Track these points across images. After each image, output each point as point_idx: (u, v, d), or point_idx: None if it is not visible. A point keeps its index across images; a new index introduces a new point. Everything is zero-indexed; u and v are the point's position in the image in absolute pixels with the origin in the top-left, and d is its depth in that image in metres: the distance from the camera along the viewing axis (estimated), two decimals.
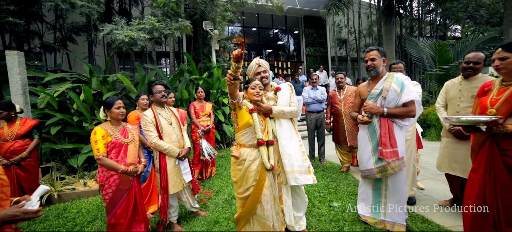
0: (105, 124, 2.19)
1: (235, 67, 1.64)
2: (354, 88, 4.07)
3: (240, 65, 1.64)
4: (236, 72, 1.67)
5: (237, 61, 1.61)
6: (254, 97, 2.03)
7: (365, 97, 2.35)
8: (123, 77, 5.84)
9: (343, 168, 4.23)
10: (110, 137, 2.13)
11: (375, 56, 2.25)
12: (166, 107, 2.71)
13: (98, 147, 2.05)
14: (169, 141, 2.55)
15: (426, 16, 14.27)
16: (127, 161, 2.17)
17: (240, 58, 1.60)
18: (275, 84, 2.36)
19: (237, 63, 1.62)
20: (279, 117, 2.18)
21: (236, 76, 1.69)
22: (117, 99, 2.19)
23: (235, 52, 1.58)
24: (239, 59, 1.61)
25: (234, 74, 1.68)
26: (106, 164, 2.06)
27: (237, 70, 1.66)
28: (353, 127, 3.94)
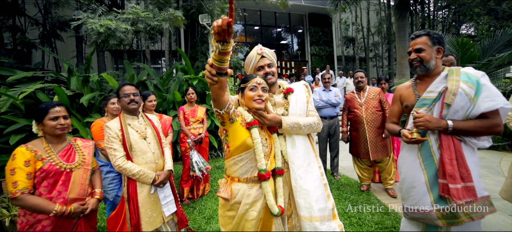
0: (37, 142, 1.52)
1: (219, 52, 0.90)
2: (376, 89, 3.36)
3: (227, 48, 0.89)
4: (221, 62, 0.94)
5: (222, 40, 0.87)
6: (254, 103, 1.35)
7: (410, 103, 1.65)
8: (108, 77, 5.21)
9: (363, 186, 3.52)
10: (41, 162, 1.45)
11: (422, 45, 1.55)
12: (141, 116, 2.03)
13: (16, 180, 1.36)
14: (142, 161, 1.87)
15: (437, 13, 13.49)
16: (68, 197, 1.49)
17: (227, 33, 0.85)
18: (285, 83, 1.66)
19: (222, 44, 0.88)
20: (292, 132, 1.49)
21: (222, 69, 0.96)
22: (53, 106, 1.52)
23: (217, 23, 0.85)
24: (225, 36, 0.86)
25: (218, 65, 0.94)
26: (28, 204, 1.38)
27: (222, 58, 0.92)
28: (377, 137, 3.22)
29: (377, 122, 3.23)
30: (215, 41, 0.89)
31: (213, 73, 0.96)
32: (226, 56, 0.92)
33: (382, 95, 3.29)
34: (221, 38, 0.87)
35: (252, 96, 1.34)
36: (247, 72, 1.65)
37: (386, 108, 3.25)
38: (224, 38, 0.86)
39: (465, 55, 6.71)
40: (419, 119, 1.45)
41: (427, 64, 1.54)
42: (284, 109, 1.56)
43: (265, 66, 1.57)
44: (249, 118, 1.34)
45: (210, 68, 0.96)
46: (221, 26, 0.83)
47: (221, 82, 1.02)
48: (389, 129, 1.81)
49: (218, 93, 1.11)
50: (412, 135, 1.48)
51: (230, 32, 0.85)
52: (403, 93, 1.74)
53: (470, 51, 6.49)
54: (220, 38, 0.87)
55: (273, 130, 1.47)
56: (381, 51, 14.03)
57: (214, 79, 0.98)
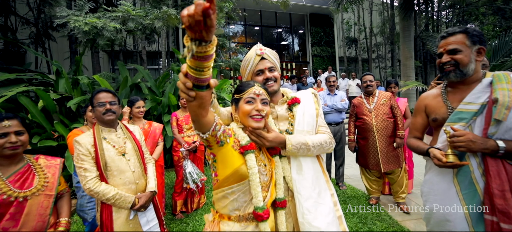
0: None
1: (196, 56, 0.61)
2: (387, 94, 3.06)
3: (207, 50, 0.60)
4: (199, 70, 0.65)
5: (198, 37, 0.57)
6: (251, 121, 1.06)
7: (440, 116, 1.36)
8: (100, 79, 4.92)
9: (372, 199, 3.22)
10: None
11: (459, 45, 1.26)
12: (120, 127, 1.74)
13: None
14: (119, 182, 1.58)
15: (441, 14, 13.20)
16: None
17: (204, 27, 0.55)
18: (289, 92, 1.38)
19: (198, 44, 0.58)
20: (299, 154, 1.20)
21: (201, 81, 0.67)
22: (2, 120, 1.23)
23: (187, 10, 0.53)
24: (201, 31, 0.56)
25: (196, 74, 0.65)
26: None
27: (201, 64, 0.63)
28: (388, 147, 2.93)
29: (388, 130, 2.94)
30: (188, 39, 0.59)
31: (189, 86, 0.67)
32: (206, 62, 0.63)
33: (393, 101, 3.00)
34: (196, 36, 0.57)
35: (249, 111, 1.05)
36: (244, 77, 1.37)
37: (397, 115, 2.96)
38: (200, 35, 0.57)
39: None
40: (459, 138, 1.15)
41: (464, 69, 1.25)
42: (289, 124, 1.27)
43: (266, 70, 1.28)
44: (244, 140, 1.05)
45: (184, 79, 0.67)
46: (194, 15, 0.53)
47: (201, 98, 0.73)
48: (412, 145, 1.52)
49: (198, 114, 0.81)
50: (448, 158, 1.19)
51: (208, 25, 0.55)
52: (430, 104, 1.45)
53: None
54: (195, 35, 0.57)
55: (275, 151, 1.18)
56: (383, 52, 13.74)
57: (191, 94, 0.68)
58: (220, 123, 0.98)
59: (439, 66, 1.35)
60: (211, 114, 0.89)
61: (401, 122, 2.94)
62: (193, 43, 0.58)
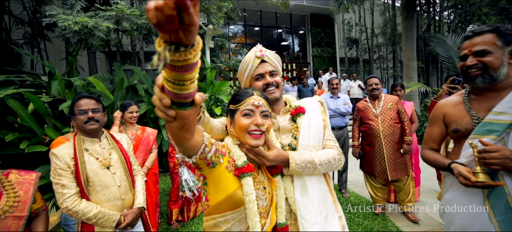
0: None
1: (172, 66, 0.43)
2: (393, 98, 2.90)
3: (187, 57, 0.42)
4: (179, 84, 0.47)
5: (174, 39, 0.39)
6: (249, 138, 0.90)
7: (463, 127, 1.20)
8: (95, 81, 4.77)
9: (377, 208, 3.06)
10: None
11: (488, 46, 1.11)
12: (105, 137, 1.58)
13: None
14: (103, 199, 1.43)
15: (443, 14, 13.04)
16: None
17: (181, 25, 0.37)
18: (292, 100, 1.22)
19: (174, 49, 0.40)
20: (304, 173, 1.04)
21: (181, 97, 0.49)
22: None
23: (156, 3, 0.34)
24: (177, 31, 0.38)
25: (175, 89, 0.48)
26: None
27: (181, 77, 0.45)
28: (395, 154, 2.77)
29: (396, 136, 2.78)
30: (161, 42, 0.42)
31: (166, 103, 0.50)
32: (187, 74, 0.46)
33: (400, 105, 2.84)
34: (171, 38, 0.40)
35: (246, 126, 0.89)
36: (242, 82, 1.21)
37: (404, 119, 2.80)
38: (176, 36, 0.40)
39: None
40: (492, 154, 0.99)
41: (494, 73, 1.09)
42: (292, 137, 1.11)
43: (266, 75, 1.12)
44: (240, 160, 0.89)
45: (160, 95, 0.50)
46: (163, 8, 0.35)
47: (183, 119, 0.56)
48: (428, 158, 1.36)
49: (181, 137, 0.64)
50: (477, 177, 1.03)
51: (186, 23, 0.38)
52: (450, 113, 1.29)
53: None
54: (169, 38, 0.40)
55: (276, 170, 1.02)
56: (385, 53, 13.59)
57: (169, 114, 0.52)
58: (211, 142, 0.82)
59: (462, 70, 1.20)
60: (199, 135, 0.73)
61: (408, 127, 2.78)
62: (166, 49, 0.41)
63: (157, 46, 0.43)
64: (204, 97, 0.55)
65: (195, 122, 0.63)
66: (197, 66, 0.48)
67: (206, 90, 5.04)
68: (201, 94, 0.54)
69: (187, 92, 0.50)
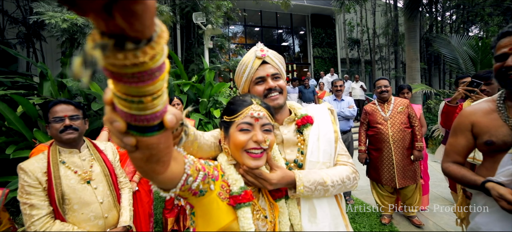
0: None
1: (113, 70, 0.26)
2: (404, 101, 2.72)
3: (140, 61, 0.26)
4: (135, 102, 0.30)
5: (113, 29, 0.23)
6: (248, 159, 0.73)
7: (499, 139, 1.03)
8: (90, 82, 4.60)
9: (384, 218, 2.89)
10: None
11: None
12: (86, 146, 1.41)
13: None
14: (81, 218, 1.25)
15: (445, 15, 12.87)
16: None
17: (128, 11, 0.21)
18: (298, 107, 1.04)
19: (111, 45, 0.24)
20: (314, 196, 0.86)
21: (141, 119, 0.32)
22: None
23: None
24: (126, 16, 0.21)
25: (130, 109, 0.31)
26: None
27: (137, 90, 0.29)
28: (404, 160, 2.60)
29: (406, 141, 2.61)
30: (97, 35, 0.25)
31: (120, 128, 0.33)
32: (145, 86, 0.29)
33: (411, 109, 2.67)
34: (108, 27, 0.23)
35: (244, 143, 0.72)
36: (239, 87, 1.04)
37: (415, 124, 2.62)
38: (113, 24, 0.23)
39: (485, 58, 6.12)
40: None
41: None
42: (298, 152, 0.94)
43: (268, 78, 0.95)
44: (236, 185, 0.72)
45: (111, 115, 0.33)
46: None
47: (148, 148, 0.39)
48: (454, 173, 1.18)
49: (148, 171, 0.46)
50: None
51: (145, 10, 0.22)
52: (480, 122, 1.11)
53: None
54: (106, 27, 0.23)
55: (280, 194, 0.85)
56: (386, 54, 13.42)
57: (128, 142, 0.35)
58: (197, 168, 0.64)
59: (498, 71, 1.03)
60: (178, 164, 0.56)
61: (420, 132, 2.61)
62: (100, 45, 0.25)
63: (91, 41, 0.25)
64: (179, 117, 0.37)
65: (169, 149, 0.46)
66: (162, 73, 0.30)
67: (205, 92, 4.87)
68: (175, 113, 0.37)
69: (150, 112, 0.33)
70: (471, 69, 6.49)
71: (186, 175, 0.58)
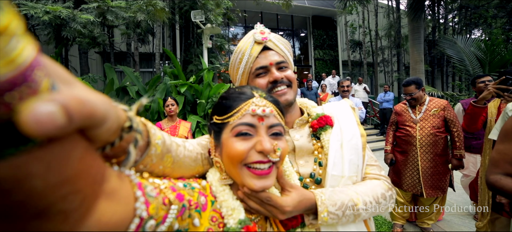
0: None
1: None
2: (441, 102, 2.42)
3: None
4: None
5: None
6: (250, 177, 0.49)
7: None
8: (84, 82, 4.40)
9: (396, 228, 2.65)
10: None
11: None
12: None
13: None
14: None
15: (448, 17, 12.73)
16: None
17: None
18: (312, 105, 0.82)
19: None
20: (340, 223, 0.64)
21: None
22: None
23: None
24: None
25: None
26: None
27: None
28: (433, 168, 2.34)
29: (437, 147, 2.35)
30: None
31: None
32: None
33: (448, 112, 2.36)
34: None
35: (243, 154, 0.49)
36: (235, 80, 0.82)
37: (454, 129, 2.34)
38: None
39: (495, 59, 5.93)
40: None
41: None
42: (315, 163, 0.72)
43: (272, 67, 0.74)
44: (232, 217, 0.50)
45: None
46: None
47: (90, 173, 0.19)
48: (505, 187, 0.96)
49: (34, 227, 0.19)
50: None
51: None
52: None
53: (504, 53, 5.73)
54: None
55: (295, 223, 0.62)
56: (389, 56, 13.25)
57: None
58: (165, 203, 0.40)
59: None
60: (117, 204, 0.29)
61: (459, 139, 2.32)
62: None
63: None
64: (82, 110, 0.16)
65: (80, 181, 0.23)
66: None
67: (203, 93, 4.66)
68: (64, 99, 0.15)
69: None
70: (479, 70, 6.30)
71: (139, 220, 0.33)
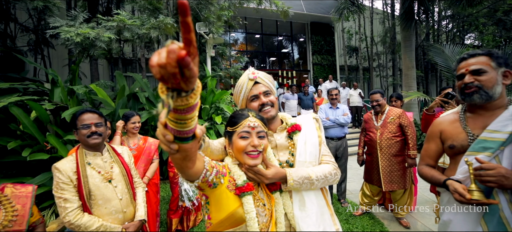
0: None
1: (172, 108, 0.48)
2: (397, 111, 2.92)
3: (188, 102, 0.47)
4: (181, 122, 0.51)
5: (176, 87, 0.43)
6: (247, 158, 0.94)
7: (459, 144, 1.24)
8: (97, 88, 4.82)
9: (358, 210, 3.29)
10: None
11: (482, 66, 1.16)
12: (107, 150, 1.62)
13: None
14: (104, 212, 1.45)
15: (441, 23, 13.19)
16: None
17: (182, 77, 0.41)
18: (288, 118, 1.26)
19: (176, 95, 0.45)
20: (302, 189, 1.07)
21: (183, 133, 0.54)
22: None
23: (158, 58, 0.39)
24: (178, 81, 0.42)
25: (177, 127, 0.52)
26: None
27: (183, 117, 0.50)
28: (391, 166, 2.83)
29: (392, 149, 2.84)
30: (163, 88, 0.46)
31: (169, 139, 0.55)
32: (188, 115, 0.51)
33: (404, 119, 2.86)
34: (172, 85, 0.44)
35: (244, 147, 0.93)
36: (238, 104, 1.25)
37: (408, 133, 2.82)
38: (177, 85, 0.44)
39: None
40: (488, 172, 1.02)
41: (490, 91, 1.14)
42: (289, 154, 1.15)
43: (261, 95, 1.17)
44: (240, 179, 0.93)
45: (163, 131, 0.54)
46: (166, 66, 0.40)
47: (185, 151, 0.61)
48: (425, 174, 1.39)
49: (183, 166, 0.70)
50: (472, 195, 1.05)
51: (187, 76, 0.42)
52: (446, 129, 1.32)
53: None
54: (171, 86, 0.44)
55: (275, 187, 1.05)
56: (384, 61, 13.69)
57: (173, 147, 0.57)
58: (212, 166, 0.87)
59: (460, 88, 1.24)
60: (200, 162, 0.79)
61: (413, 141, 2.80)
62: (169, 96, 0.45)
63: (160, 93, 0.47)
64: (203, 130, 0.59)
65: (196, 152, 0.68)
66: (197, 106, 0.52)
67: (207, 99, 5.09)
68: (201, 128, 0.58)
69: (189, 129, 0.54)
70: None
71: (205, 170, 0.80)
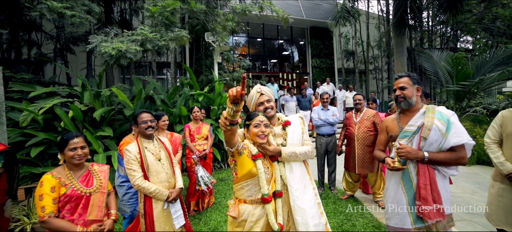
0: (60, 169, 1.73)
1: (233, 111, 1.22)
2: (372, 111, 3.70)
3: (239, 108, 1.22)
4: (233, 117, 1.26)
5: (235, 103, 1.19)
6: (258, 139, 1.60)
7: (394, 134, 1.89)
8: (118, 91, 5.49)
9: (344, 195, 4.02)
10: (64, 187, 1.66)
11: (405, 84, 1.82)
12: (155, 139, 2.28)
13: (44, 205, 1.56)
14: (157, 181, 2.11)
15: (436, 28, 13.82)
16: (87, 218, 1.71)
17: (240, 100, 1.19)
18: (282, 116, 1.92)
19: (235, 105, 1.20)
20: (290, 160, 1.73)
21: (234, 122, 1.29)
22: (72, 138, 1.71)
23: (232, 92, 1.18)
24: (238, 101, 1.19)
25: (231, 119, 1.27)
26: (54, 227, 1.58)
27: (235, 114, 1.25)
28: (364, 154, 3.59)
29: (368, 140, 3.59)
30: (230, 103, 1.18)
31: (227, 124, 1.26)
32: (237, 114, 1.21)
33: (376, 118, 3.59)
34: (234, 102, 1.17)
35: (256, 132, 1.59)
36: (249, 108, 1.92)
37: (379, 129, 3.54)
38: (236, 102, 1.17)
39: (460, 73, 6.96)
40: (401, 150, 1.69)
41: (409, 100, 1.80)
42: (283, 139, 1.81)
43: (264, 102, 1.83)
44: (254, 151, 1.59)
45: (224, 120, 1.26)
46: (236, 95, 1.14)
47: (233, 130, 1.32)
48: (376, 155, 2.05)
49: (230, 138, 1.40)
50: (394, 163, 1.72)
51: (241, 99, 1.16)
52: (389, 125, 1.98)
53: (465, 68, 6.73)
54: (233, 102, 1.17)
55: (274, 158, 1.72)
56: (380, 64, 14.33)
57: (228, 128, 1.28)
58: (241, 141, 1.53)
59: (395, 98, 1.90)
60: (236, 138, 1.46)
61: None
62: (233, 106, 1.18)
63: (228, 103, 1.16)
64: (240, 120, 1.28)
65: (236, 131, 1.36)
66: (240, 110, 1.20)
67: (215, 101, 5.76)
68: (238, 120, 1.26)
69: (236, 119, 1.22)
70: (449, 81, 7.32)
71: (239, 141, 1.46)
